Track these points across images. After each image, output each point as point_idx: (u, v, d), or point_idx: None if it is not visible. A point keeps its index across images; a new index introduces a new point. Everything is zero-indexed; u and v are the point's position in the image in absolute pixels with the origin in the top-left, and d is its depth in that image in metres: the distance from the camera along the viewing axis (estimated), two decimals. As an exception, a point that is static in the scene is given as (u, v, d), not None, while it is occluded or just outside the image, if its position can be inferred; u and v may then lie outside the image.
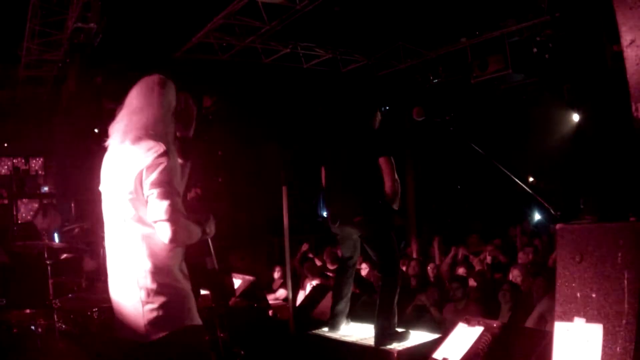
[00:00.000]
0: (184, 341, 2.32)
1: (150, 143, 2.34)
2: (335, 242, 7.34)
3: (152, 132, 2.40)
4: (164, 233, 2.27)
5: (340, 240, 4.32)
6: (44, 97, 10.16)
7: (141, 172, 2.29)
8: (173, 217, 2.26)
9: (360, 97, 4.35)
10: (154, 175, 2.28)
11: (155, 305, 2.30)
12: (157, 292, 2.31)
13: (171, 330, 2.29)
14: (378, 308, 3.99)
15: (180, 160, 2.51)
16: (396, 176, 4.02)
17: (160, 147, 2.32)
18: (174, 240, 2.27)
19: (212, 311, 4.41)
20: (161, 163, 2.29)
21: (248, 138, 10.31)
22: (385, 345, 3.88)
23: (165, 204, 2.26)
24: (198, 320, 2.41)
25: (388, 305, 3.96)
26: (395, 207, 4.02)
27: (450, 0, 7.59)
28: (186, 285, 2.42)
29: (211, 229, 2.56)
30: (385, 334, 3.92)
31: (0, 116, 10.14)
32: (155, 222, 2.28)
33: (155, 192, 2.27)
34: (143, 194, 2.30)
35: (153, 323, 2.28)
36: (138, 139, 2.37)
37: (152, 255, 2.33)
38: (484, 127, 10.44)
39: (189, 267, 2.49)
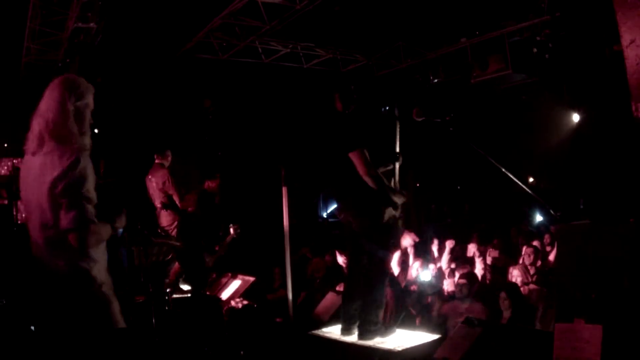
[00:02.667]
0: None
1: (58, 151, 2.40)
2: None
3: (56, 135, 2.43)
4: (74, 241, 2.37)
5: (346, 238, 4.28)
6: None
7: (52, 182, 2.36)
8: (81, 226, 2.36)
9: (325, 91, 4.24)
10: (63, 186, 2.35)
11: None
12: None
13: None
14: (362, 303, 4.00)
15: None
16: (372, 170, 3.86)
17: (68, 155, 2.38)
18: (82, 247, 2.39)
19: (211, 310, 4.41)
20: (70, 172, 2.35)
21: (248, 138, 10.31)
22: (368, 339, 3.90)
23: (72, 214, 2.34)
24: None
25: (372, 301, 3.96)
26: (397, 200, 3.96)
27: (450, 0, 7.59)
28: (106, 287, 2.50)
29: (121, 222, 2.66)
30: (367, 329, 3.93)
31: (0, 116, 10.14)
32: (66, 231, 2.36)
33: (64, 202, 2.35)
34: (54, 203, 2.37)
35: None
36: (48, 147, 2.42)
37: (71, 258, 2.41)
38: (484, 127, 10.43)
39: None
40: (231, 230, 6.33)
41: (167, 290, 4.53)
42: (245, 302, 5.54)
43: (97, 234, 2.44)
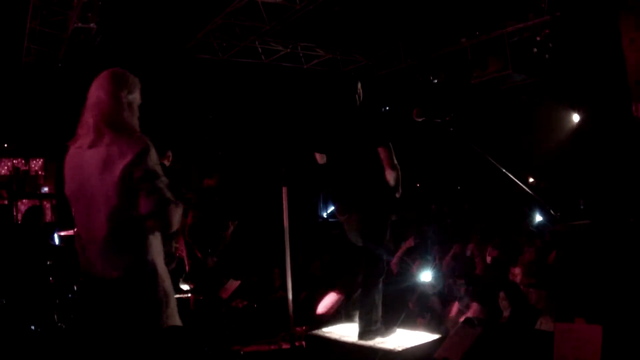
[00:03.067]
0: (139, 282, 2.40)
1: (123, 140, 2.39)
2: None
3: (114, 125, 2.43)
4: (160, 225, 2.39)
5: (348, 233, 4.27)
6: (44, 97, 10.16)
7: (124, 170, 2.33)
8: (164, 208, 2.37)
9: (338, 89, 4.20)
10: (140, 172, 2.34)
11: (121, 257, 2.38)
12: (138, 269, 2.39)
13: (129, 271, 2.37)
14: (360, 303, 3.99)
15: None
16: (396, 162, 3.91)
17: (135, 143, 2.38)
18: (167, 227, 2.41)
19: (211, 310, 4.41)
20: (143, 158, 2.35)
21: (248, 138, 10.31)
22: (368, 339, 3.90)
23: (153, 198, 2.34)
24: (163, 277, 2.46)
25: (369, 301, 3.96)
26: (397, 195, 3.97)
27: (450, 0, 7.59)
28: (164, 275, 2.48)
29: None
30: (367, 330, 3.93)
31: (0, 116, 10.14)
32: (149, 215, 2.36)
33: (144, 187, 2.35)
34: (128, 191, 2.34)
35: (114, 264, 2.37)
36: (108, 137, 2.40)
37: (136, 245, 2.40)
38: (484, 128, 10.42)
39: None
40: (230, 226, 6.33)
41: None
42: (245, 302, 5.55)
43: (179, 213, 2.45)
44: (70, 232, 5.95)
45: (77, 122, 2.56)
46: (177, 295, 5.67)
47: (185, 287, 6.14)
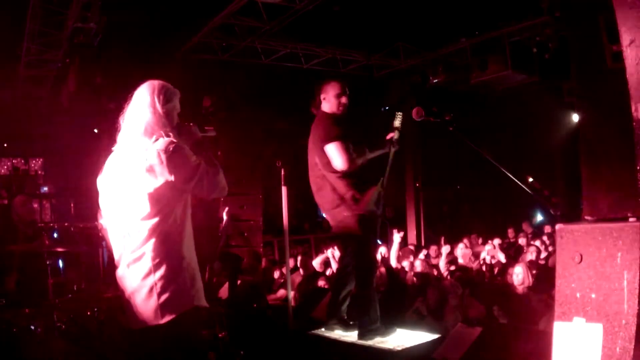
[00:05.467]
0: (192, 321, 2.55)
1: (148, 141, 2.53)
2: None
3: (148, 133, 2.57)
4: (221, 195, 2.69)
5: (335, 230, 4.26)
6: (44, 97, 10.16)
7: (152, 168, 2.47)
8: (217, 187, 2.63)
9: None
10: (179, 174, 2.50)
11: (167, 291, 2.48)
12: (169, 278, 2.50)
13: (181, 311, 2.49)
14: (356, 303, 3.99)
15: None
16: (351, 157, 3.87)
17: (163, 141, 2.52)
18: (225, 191, 2.69)
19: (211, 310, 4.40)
20: (175, 160, 2.50)
21: (248, 138, 10.30)
22: (367, 339, 3.90)
23: (206, 185, 2.57)
24: (204, 302, 2.62)
25: (365, 301, 3.96)
26: (378, 192, 3.94)
27: (450, 0, 7.59)
28: (195, 268, 2.61)
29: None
30: (367, 329, 3.93)
31: (0, 116, 10.14)
32: (211, 196, 2.64)
33: (192, 184, 2.53)
34: (164, 192, 2.49)
35: (164, 306, 2.46)
36: (136, 143, 2.56)
37: (164, 244, 2.51)
38: (483, 127, 10.43)
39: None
40: (224, 215, 6.32)
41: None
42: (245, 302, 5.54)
43: (223, 177, 2.67)
44: (70, 229, 5.95)
45: (77, 123, 2.66)
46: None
47: None
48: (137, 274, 2.51)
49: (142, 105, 2.63)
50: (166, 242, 2.51)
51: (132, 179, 2.52)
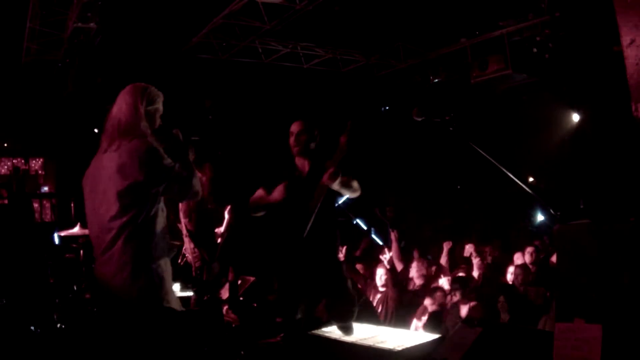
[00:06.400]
0: (159, 323, 2.56)
1: (132, 145, 2.56)
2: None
3: (126, 134, 2.60)
4: (194, 199, 2.92)
5: None
6: (44, 97, 10.16)
7: (123, 168, 2.50)
8: (189, 190, 2.69)
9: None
10: (151, 173, 2.52)
11: (132, 291, 2.51)
12: (134, 278, 2.51)
13: (147, 312, 2.52)
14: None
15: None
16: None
17: (137, 141, 2.55)
18: (198, 195, 2.79)
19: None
20: (150, 159, 2.53)
21: (248, 138, 10.31)
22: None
23: (177, 188, 2.62)
24: (175, 306, 2.65)
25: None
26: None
27: (450, 0, 7.59)
28: (165, 270, 2.63)
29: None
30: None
31: (0, 116, 10.14)
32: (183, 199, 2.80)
33: (165, 185, 2.56)
34: (134, 193, 2.50)
35: (130, 305, 2.51)
36: (116, 144, 2.59)
37: (131, 244, 2.52)
38: (484, 127, 10.43)
39: None
40: (226, 214, 6.33)
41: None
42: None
43: (198, 180, 2.75)
44: (70, 232, 5.95)
45: (77, 123, 2.71)
46: (178, 295, 5.68)
47: (191, 293, 6.10)
48: (107, 273, 2.53)
49: (124, 106, 2.66)
50: (133, 242, 2.51)
51: (105, 179, 2.55)
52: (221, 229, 6.34)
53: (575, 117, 10.39)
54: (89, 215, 2.67)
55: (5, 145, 11.61)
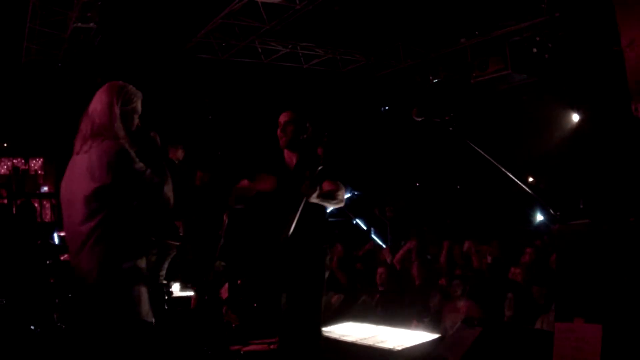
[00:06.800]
0: (127, 329, 2.44)
1: (103, 146, 2.46)
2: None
3: (99, 135, 2.51)
4: (164, 208, 2.58)
5: None
6: (44, 97, 10.16)
7: (92, 170, 2.41)
8: (160, 196, 2.53)
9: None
10: (121, 175, 2.41)
11: (100, 297, 2.42)
12: (101, 284, 2.42)
13: (113, 319, 2.42)
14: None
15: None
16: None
17: (107, 143, 2.45)
18: (170, 204, 2.57)
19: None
20: (120, 161, 2.42)
21: (248, 138, 10.31)
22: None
23: (148, 193, 2.48)
24: (145, 313, 2.50)
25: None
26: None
27: (450, 1, 7.59)
28: (138, 275, 2.51)
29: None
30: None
31: (0, 116, 10.14)
32: (153, 205, 2.55)
33: (135, 188, 2.45)
34: (103, 196, 2.40)
35: (99, 312, 2.43)
36: (88, 145, 2.51)
37: (99, 249, 2.42)
38: (483, 127, 10.42)
39: None
40: (225, 217, 6.29)
41: (168, 289, 4.53)
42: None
43: (170, 189, 2.57)
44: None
45: (76, 123, 2.64)
46: (178, 295, 5.68)
47: (191, 293, 6.11)
48: (79, 275, 2.47)
49: (99, 106, 2.57)
50: (101, 247, 2.41)
51: (76, 182, 2.47)
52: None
53: (575, 117, 10.39)
54: (64, 218, 2.58)
55: (5, 145, 11.62)
